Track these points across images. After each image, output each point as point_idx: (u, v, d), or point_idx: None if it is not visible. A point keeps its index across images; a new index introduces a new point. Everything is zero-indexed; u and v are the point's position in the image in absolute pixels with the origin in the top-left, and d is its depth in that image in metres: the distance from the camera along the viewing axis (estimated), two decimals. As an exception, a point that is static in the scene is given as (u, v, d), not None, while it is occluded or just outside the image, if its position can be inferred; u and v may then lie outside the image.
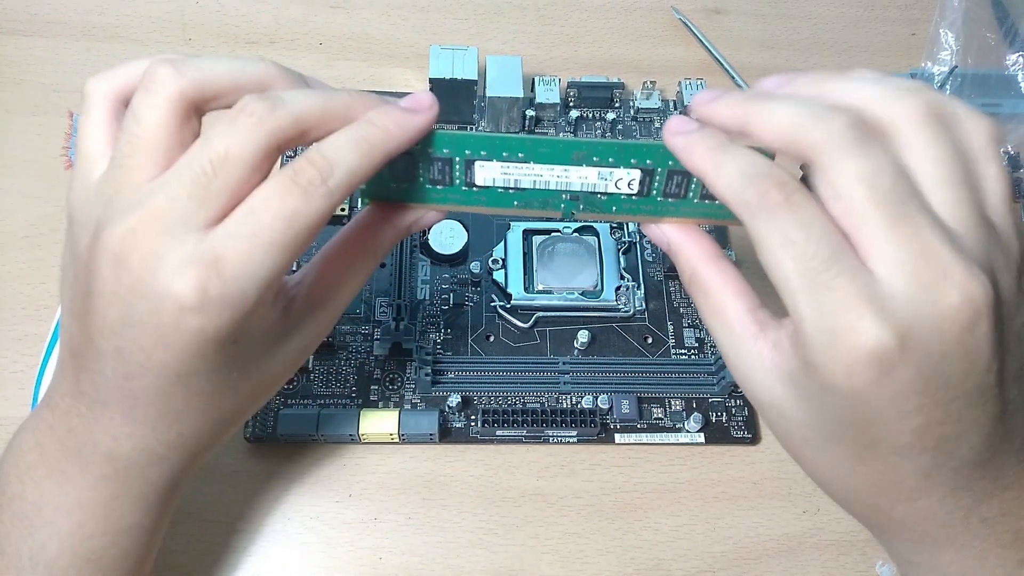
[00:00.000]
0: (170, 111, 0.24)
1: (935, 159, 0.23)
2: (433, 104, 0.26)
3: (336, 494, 0.38)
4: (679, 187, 0.27)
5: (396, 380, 0.40)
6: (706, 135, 0.25)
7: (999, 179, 0.24)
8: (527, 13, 0.54)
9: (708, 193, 0.27)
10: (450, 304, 0.42)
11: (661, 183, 0.27)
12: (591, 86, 0.49)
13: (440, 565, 0.37)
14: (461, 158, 0.27)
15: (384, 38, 0.52)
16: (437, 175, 0.27)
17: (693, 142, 0.25)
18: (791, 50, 0.55)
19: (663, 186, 0.27)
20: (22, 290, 0.41)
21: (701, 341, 0.43)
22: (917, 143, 0.23)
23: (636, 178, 0.27)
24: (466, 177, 0.27)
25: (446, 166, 0.27)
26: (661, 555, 0.38)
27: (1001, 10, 0.54)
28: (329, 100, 0.25)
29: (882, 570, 0.38)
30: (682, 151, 0.25)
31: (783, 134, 0.24)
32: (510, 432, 0.39)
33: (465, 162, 0.27)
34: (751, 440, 0.40)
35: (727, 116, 0.25)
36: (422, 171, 0.27)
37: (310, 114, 0.24)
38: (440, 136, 0.26)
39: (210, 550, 0.36)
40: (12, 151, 0.45)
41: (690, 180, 0.27)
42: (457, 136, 0.27)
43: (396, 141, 0.25)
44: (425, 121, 0.26)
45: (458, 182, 0.28)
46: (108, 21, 0.50)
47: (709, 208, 0.28)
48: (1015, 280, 0.23)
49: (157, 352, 0.24)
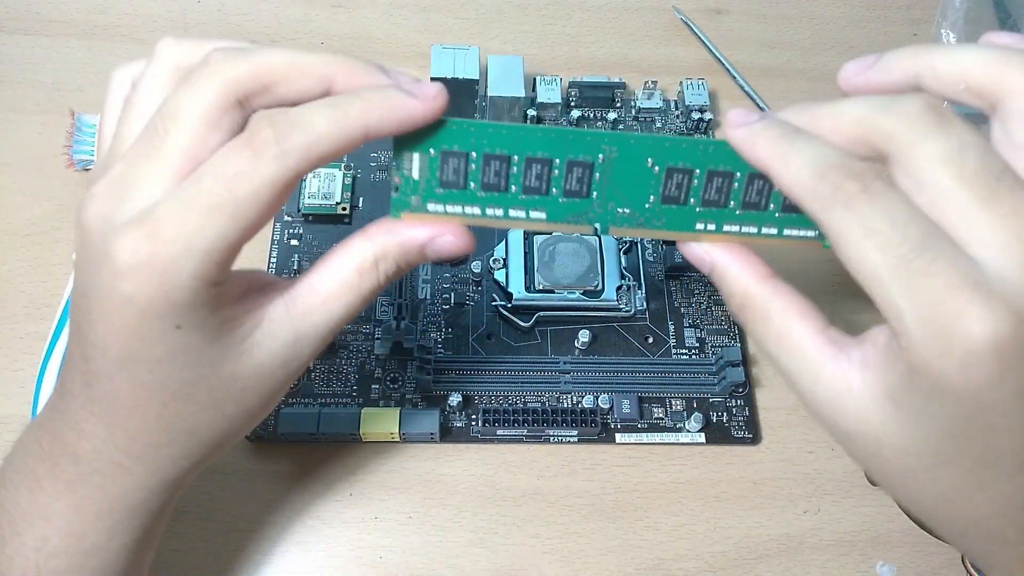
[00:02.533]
0: (164, 81, 0.23)
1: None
2: (439, 95, 0.23)
3: (336, 493, 0.38)
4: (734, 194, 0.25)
5: (397, 379, 0.40)
6: (769, 124, 0.22)
7: None
8: (528, 13, 0.54)
9: (790, 204, 0.24)
10: (451, 303, 0.42)
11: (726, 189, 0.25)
12: (592, 86, 0.49)
13: (440, 564, 0.37)
14: (522, 156, 0.24)
15: (385, 37, 0.52)
16: (492, 178, 0.24)
17: (755, 132, 0.22)
18: (792, 50, 0.55)
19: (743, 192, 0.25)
20: (23, 289, 0.41)
21: (702, 341, 0.43)
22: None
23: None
24: (524, 179, 0.24)
25: (502, 165, 0.24)
26: (661, 555, 0.38)
27: (1003, 10, 0.54)
28: (301, 55, 0.22)
29: (882, 570, 0.38)
30: (743, 143, 0.22)
31: (854, 131, 0.21)
32: (511, 432, 0.39)
33: (527, 160, 0.24)
34: (752, 440, 0.40)
35: (794, 123, 0.22)
36: (473, 172, 0.24)
37: (272, 66, 0.22)
38: (525, 136, 0.24)
39: (210, 550, 0.36)
40: (13, 150, 0.45)
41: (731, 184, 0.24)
42: (537, 135, 0.24)
43: (379, 120, 0.22)
44: (422, 110, 0.23)
45: (513, 188, 0.25)
46: (110, 20, 0.50)
47: (789, 221, 0.25)
48: None
49: (99, 327, 0.22)
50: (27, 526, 0.25)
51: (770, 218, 0.25)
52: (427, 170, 0.24)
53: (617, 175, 0.25)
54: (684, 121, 0.49)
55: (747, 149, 0.22)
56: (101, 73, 0.48)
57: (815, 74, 0.54)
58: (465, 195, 0.25)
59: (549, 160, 0.24)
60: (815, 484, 0.40)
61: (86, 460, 0.25)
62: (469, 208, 0.25)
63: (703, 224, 0.25)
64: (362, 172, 0.46)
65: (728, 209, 0.25)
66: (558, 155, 0.24)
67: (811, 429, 0.41)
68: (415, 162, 0.24)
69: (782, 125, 0.22)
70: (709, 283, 0.44)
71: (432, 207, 0.25)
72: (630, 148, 0.24)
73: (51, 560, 0.25)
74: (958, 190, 0.19)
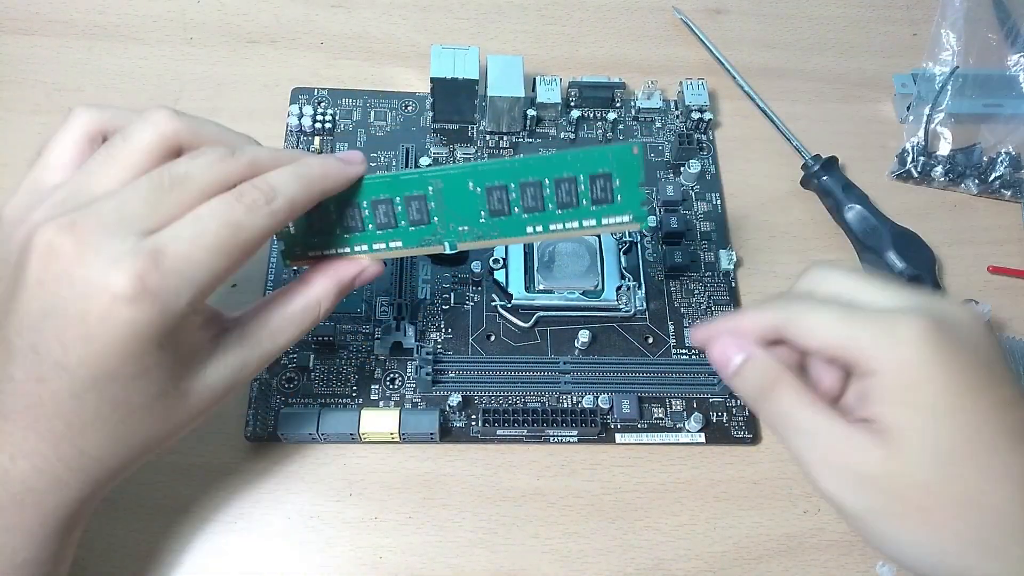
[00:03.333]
0: (160, 143, 0.27)
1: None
2: (363, 161, 0.30)
3: (336, 493, 0.38)
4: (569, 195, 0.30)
5: (397, 379, 0.40)
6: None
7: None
8: (528, 12, 0.54)
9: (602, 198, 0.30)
10: (451, 303, 0.42)
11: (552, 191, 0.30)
12: (592, 86, 0.49)
13: (440, 564, 0.37)
14: (368, 200, 0.30)
15: (385, 37, 0.52)
16: (350, 222, 0.30)
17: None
18: (792, 50, 0.55)
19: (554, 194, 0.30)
20: (23, 289, 0.41)
21: (702, 341, 0.43)
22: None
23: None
24: (375, 219, 0.30)
25: (355, 211, 0.30)
26: (661, 555, 0.38)
27: (1003, 11, 0.54)
28: (280, 153, 0.28)
29: (882, 570, 0.38)
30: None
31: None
32: (511, 432, 0.39)
33: (372, 203, 0.30)
34: (751, 440, 0.40)
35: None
36: (336, 220, 0.30)
37: (262, 160, 0.27)
38: (368, 184, 0.30)
39: (210, 549, 0.36)
40: (13, 150, 0.45)
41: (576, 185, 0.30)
42: (376, 181, 0.30)
43: (332, 181, 0.29)
44: (356, 172, 0.29)
45: (370, 227, 0.31)
46: (110, 20, 0.50)
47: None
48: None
49: (77, 347, 0.24)
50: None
51: (586, 212, 0.30)
52: (301, 224, 0.30)
53: (449, 201, 0.30)
54: (684, 121, 0.49)
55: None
56: (101, 73, 0.48)
57: (815, 74, 0.54)
58: (334, 239, 0.31)
59: (390, 199, 0.30)
60: (815, 484, 0.40)
61: (19, 479, 0.25)
62: (340, 248, 0.31)
63: (531, 227, 0.30)
64: (362, 172, 0.46)
65: (548, 211, 0.30)
66: (396, 194, 0.30)
67: (811, 429, 0.41)
68: (293, 224, 0.30)
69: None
70: (709, 283, 0.45)
71: (312, 253, 0.31)
72: (451, 178, 0.30)
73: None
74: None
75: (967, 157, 0.49)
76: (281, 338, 0.29)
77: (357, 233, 0.31)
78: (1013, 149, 0.49)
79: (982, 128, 0.50)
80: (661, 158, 0.48)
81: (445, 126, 0.48)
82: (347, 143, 0.47)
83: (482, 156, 0.47)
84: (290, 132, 0.47)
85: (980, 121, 0.50)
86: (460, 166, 0.30)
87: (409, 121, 0.48)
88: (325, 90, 0.49)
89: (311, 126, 0.47)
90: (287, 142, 0.46)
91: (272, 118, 0.47)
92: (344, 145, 0.47)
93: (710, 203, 0.47)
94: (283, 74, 0.49)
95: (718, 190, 0.48)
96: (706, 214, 0.47)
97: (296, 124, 0.47)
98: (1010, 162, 0.49)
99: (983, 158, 0.49)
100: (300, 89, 0.48)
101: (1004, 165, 0.49)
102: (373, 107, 0.48)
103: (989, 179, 0.49)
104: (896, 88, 0.52)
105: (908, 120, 0.51)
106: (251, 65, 0.50)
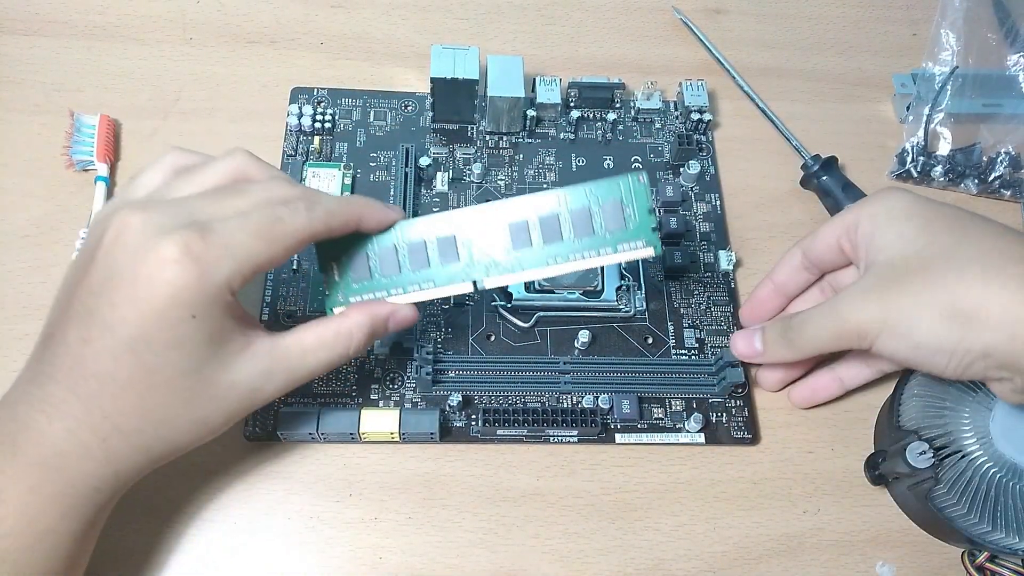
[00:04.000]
0: (233, 172, 0.31)
1: None
2: (402, 213, 0.34)
3: (336, 493, 0.38)
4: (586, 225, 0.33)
5: (397, 379, 0.40)
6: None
7: None
8: (528, 13, 0.54)
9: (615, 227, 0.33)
10: (451, 303, 0.42)
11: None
12: (592, 86, 0.49)
13: (440, 565, 0.37)
14: (403, 243, 0.33)
15: (385, 38, 0.52)
16: (386, 267, 0.33)
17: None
18: (791, 50, 0.55)
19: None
20: (23, 289, 0.41)
21: (701, 342, 0.43)
22: None
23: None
24: (409, 261, 0.33)
25: (390, 254, 0.33)
26: (661, 555, 0.38)
27: (1002, 10, 0.54)
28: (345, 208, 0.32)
29: (882, 570, 0.38)
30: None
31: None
32: (511, 432, 0.39)
33: (408, 245, 0.33)
34: (751, 440, 0.40)
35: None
36: (374, 266, 0.33)
37: (316, 192, 0.32)
38: (402, 227, 0.33)
39: (210, 549, 0.36)
40: (13, 150, 0.45)
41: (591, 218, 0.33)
42: (409, 224, 0.33)
43: (371, 211, 0.32)
44: (394, 215, 0.33)
45: (405, 269, 0.33)
46: (109, 20, 0.50)
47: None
48: None
49: (124, 307, 0.27)
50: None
51: (601, 240, 0.33)
52: (344, 271, 0.33)
53: (477, 239, 0.33)
54: (683, 122, 0.49)
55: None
56: (101, 73, 0.48)
57: (815, 74, 0.54)
58: (372, 284, 0.34)
59: (422, 242, 0.33)
60: (815, 484, 0.40)
61: (53, 440, 0.28)
62: (378, 292, 0.34)
63: (552, 259, 0.33)
64: (362, 172, 0.46)
65: (565, 241, 0.33)
66: (427, 237, 0.33)
67: (810, 429, 0.41)
68: (335, 268, 0.33)
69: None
70: (708, 284, 0.45)
71: (353, 299, 0.34)
72: (476, 218, 0.33)
73: (4, 540, 0.27)
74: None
75: (967, 157, 0.49)
76: (311, 358, 0.31)
77: (394, 276, 0.33)
78: (1013, 149, 0.49)
79: (982, 128, 0.50)
80: (660, 159, 0.48)
81: (445, 126, 0.48)
82: (347, 143, 0.47)
83: (482, 156, 0.47)
84: (290, 132, 0.47)
85: (980, 121, 0.50)
86: (484, 205, 0.33)
87: (409, 121, 0.48)
88: (325, 90, 0.49)
89: (311, 126, 0.47)
90: (286, 142, 0.46)
91: (272, 118, 0.47)
92: (344, 145, 0.47)
93: (709, 204, 0.47)
94: (283, 74, 0.49)
95: (717, 191, 0.48)
96: (705, 215, 0.47)
97: (296, 124, 0.47)
98: (1010, 162, 0.49)
99: (983, 158, 0.49)
100: (300, 89, 0.48)
101: (1004, 165, 0.49)
102: (373, 107, 0.48)
103: (989, 179, 0.49)
104: (896, 88, 0.52)
105: (908, 120, 0.51)
106: (251, 65, 0.50)
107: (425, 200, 0.45)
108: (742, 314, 0.43)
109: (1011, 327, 0.30)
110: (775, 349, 0.38)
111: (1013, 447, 0.35)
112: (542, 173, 0.47)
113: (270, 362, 0.30)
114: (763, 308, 0.42)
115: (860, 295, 0.34)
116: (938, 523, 0.37)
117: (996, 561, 0.37)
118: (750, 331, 0.39)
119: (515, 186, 0.47)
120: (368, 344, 0.33)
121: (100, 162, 0.44)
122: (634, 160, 0.48)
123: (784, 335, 0.37)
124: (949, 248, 0.33)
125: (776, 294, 0.41)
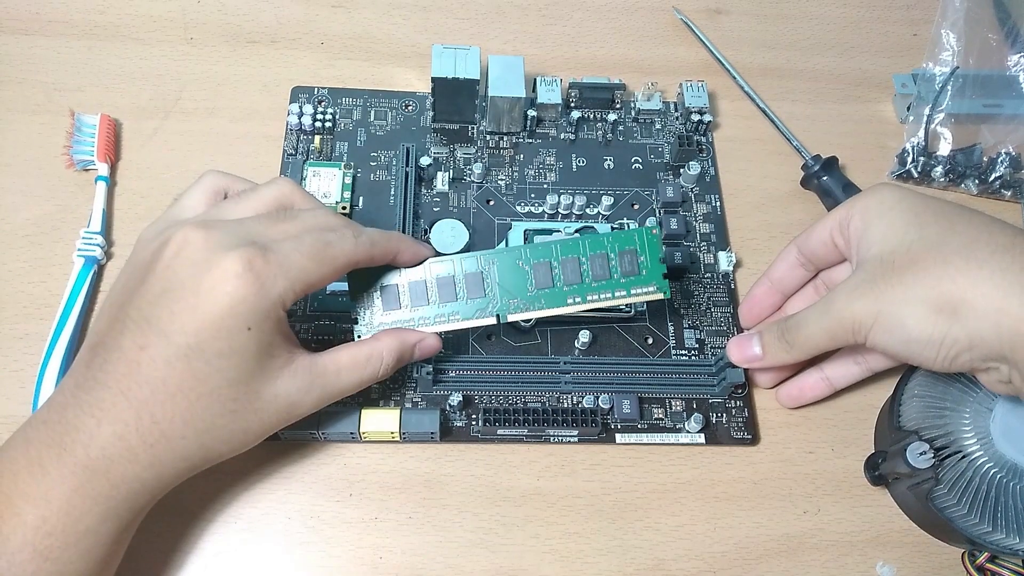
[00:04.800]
0: (279, 198, 0.33)
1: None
2: (433, 251, 0.37)
3: (337, 493, 0.38)
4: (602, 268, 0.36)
5: (397, 379, 0.40)
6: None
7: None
8: (528, 13, 0.54)
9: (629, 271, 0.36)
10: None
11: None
12: (592, 87, 0.49)
13: (440, 565, 0.37)
14: (433, 278, 0.36)
15: (385, 38, 0.52)
16: (417, 300, 0.36)
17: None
18: (792, 50, 0.55)
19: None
20: (23, 289, 0.41)
21: (701, 342, 0.43)
22: None
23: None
24: (439, 294, 0.36)
25: (421, 288, 0.36)
26: (661, 555, 0.38)
27: (1003, 11, 0.54)
28: (386, 239, 0.35)
29: (882, 570, 0.38)
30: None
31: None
32: (511, 431, 0.39)
33: (437, 280, 0.36)
34: (751, 441, 0.40)
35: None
36: (406, 300, 0.36)
37: (358, 224, 0.34)
38: (432, 264, 0.36)
39: (209, 549, 0.36)
40: (13, 150, 0.45)
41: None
42: (439, 262, 0.36)
43: (407, 245, 0.36)
44: (426, 252, 0.36)
45: (433, 301, 0.36)
46: (110, 20, 0.50)
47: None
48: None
49: (183, 316, 0.29)
50: (28, 507, 0.28)
51: (616, 283, 0.36)
52: (374, 300, 0.36)
53: (502, 277, 0.36)
54: (684, 123, 0.49)
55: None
56: (101, 73, 0.48)
57: (815, 74, 0.54)
58: (401, 313, 0.36)
59: (451, 277, 0.36)
60: (815, 484, 0.40)
61: (100, 443, 0.28)
62: (406, 323, 0.36)
63: (571, 299, 0.36)
64: (362, 172, 0.46)
65: (584, 283, 0.36)
66: (456, 272, 0.36)
67: (810, 429, 0.41)
68: (366, 297, 0.36)
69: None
70: (708, 285, 0.45)
71: (380, 327, 0.36)
72: (503, 257, 0.36)
73: (47, 539, 0.28)
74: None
75: (967, 157, 0.49)
76: (344, 377, 0.33)
77: (422, 307, 0.36)
78: (1013, 149, 0.49)
79: (982, 128, 0.50)
80: (660, 159, 0.48)
81: (445, 126, 0.48)
82: (347, 142, 0.47)
83: (482, 156, 0.47)
84: (290, 131, 0.47)
85: (980, 121, 0.50)
86: (512, 247, 0.37)
87: (409, 121, 0.48)
88: (325, 89, 0.49)
89: (311, 125, 0.47)
90: (287, 141, 0.46)
91: (272, 117, 0.47)
92: (344, 144, 0.47)
93: (709, 204, 0.47)
94: (283, 74, 0.49)
95: (717, 191, 0.48)
96: (705, 215, 0.47)
97: (296, 123, 0.47)
98: (1010, 162, 0.49)
99: (983, 158, 0.49)
100: (300, 88, 0.48)
101: (1004, 165, 0.49)
102: (373, 106, 0.48)
103: (989, 179, 0.49)
104: (896, 88, 0.52)
105: (908, 120, 0.51)
106: (251, 65, 0.50)
107: (425, 200, 0.45)
108: (740, 312, 0.43)
109: (994, 316, 0.30)
110: (775, 352, 0.38)
111: (1013, 447, 0.35)
112: (542, 173, 0.47)
113: (309, 378, 0.32)
114: (761, 306, 0.42)
115: (852, 290, 0.34)
116: (938, 523, 0.37)
117: (996, 561, 0.37)
118: (746, 337, 0.39)
119: (515, 186, 0.47)
120: (396, 368, 0.35)
121: (101, 162, 0.44)
122: (634, 160, 0.48)
123: (782, 337, 0.37)
124: (937, 240, 0.33)
125: (773, 291, 0.42)
